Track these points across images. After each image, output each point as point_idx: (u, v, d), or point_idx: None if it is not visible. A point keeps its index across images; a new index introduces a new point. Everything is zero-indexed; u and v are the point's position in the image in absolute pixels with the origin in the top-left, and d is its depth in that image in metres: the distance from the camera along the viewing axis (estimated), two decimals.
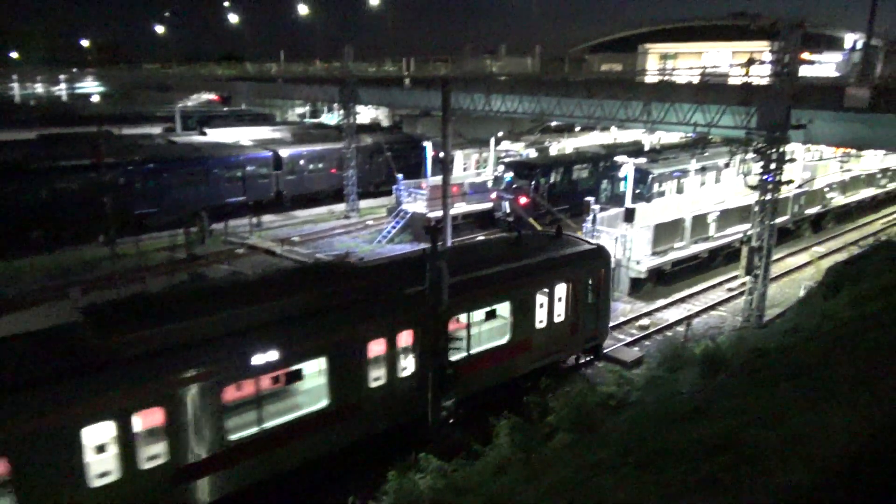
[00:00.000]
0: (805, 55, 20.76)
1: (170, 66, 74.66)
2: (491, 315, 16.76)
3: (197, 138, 46.32)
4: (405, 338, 14.36)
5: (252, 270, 29.51)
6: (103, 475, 10.64)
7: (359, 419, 13.70)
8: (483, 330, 16.33)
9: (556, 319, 17.85)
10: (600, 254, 19.65)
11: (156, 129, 57.22)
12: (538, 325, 17.30)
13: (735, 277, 28.08)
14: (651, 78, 36.34)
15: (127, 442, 10.64)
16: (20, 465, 9.73)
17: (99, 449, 10.82)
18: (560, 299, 17.91)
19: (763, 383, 9.42)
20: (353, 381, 13.52)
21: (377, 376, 13.95)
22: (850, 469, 6.34)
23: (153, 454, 11.09)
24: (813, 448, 6.94)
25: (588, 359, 20.06)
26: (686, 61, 53.51)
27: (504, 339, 16.62)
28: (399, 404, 14.32)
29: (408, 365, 14.43)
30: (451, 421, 14.32)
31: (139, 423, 10.83)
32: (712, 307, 26.55)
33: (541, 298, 17.39)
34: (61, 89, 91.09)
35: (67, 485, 10.16)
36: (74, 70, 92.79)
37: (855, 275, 20.10)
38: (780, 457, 6.85)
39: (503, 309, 16.77)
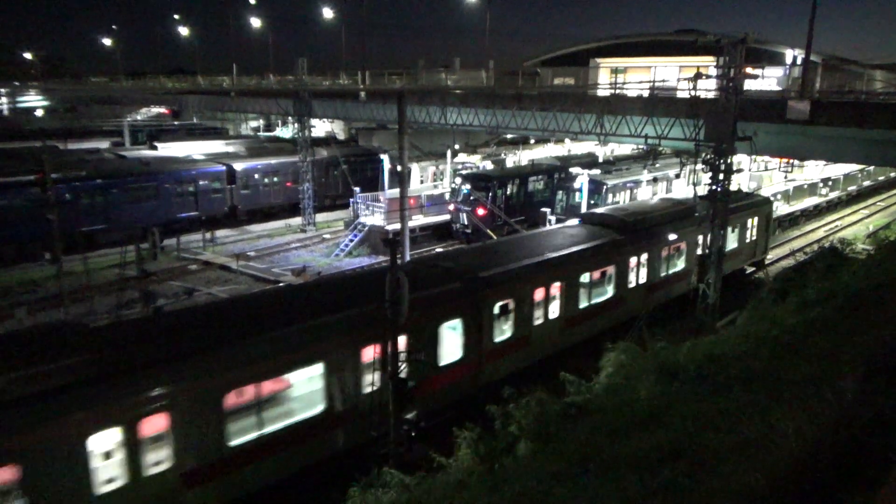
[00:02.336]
0: (748, 70, 21.54)
1: (117, 79, 72.91)
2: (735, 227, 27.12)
3: (147, 153, 45.34)
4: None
5: (207, 287, 28.95)
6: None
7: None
8: (735, 235, 27.19)
9: (751, 239, 29.00)
10: (768, 201, 31.98)
11: (103, 144, 55.80)
12: (746, 241, 28.63)
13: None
14: (603, 91, 37.17)
15: None
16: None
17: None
18: (753, 227, 29.05)
19: (717, 389, 9.67)
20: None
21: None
22: (801, 470, 6.54)
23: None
24: (765, 451, 7.14)
25: (752, 271, 31.22)
26: (636, 75, 54.87)
27: (734, 246, 27.35)
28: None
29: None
30: (412, 434, 14.25)
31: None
32: None
33: (748, 224, 28.58)
34: (2, 104, 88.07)
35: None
36: (16, 84, 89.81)
37: (801, 281, 20.85)
38: (735, 461, 7.03)
39: (744, 226, 28.26)
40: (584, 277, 20.29)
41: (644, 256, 22.85)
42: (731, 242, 26.55)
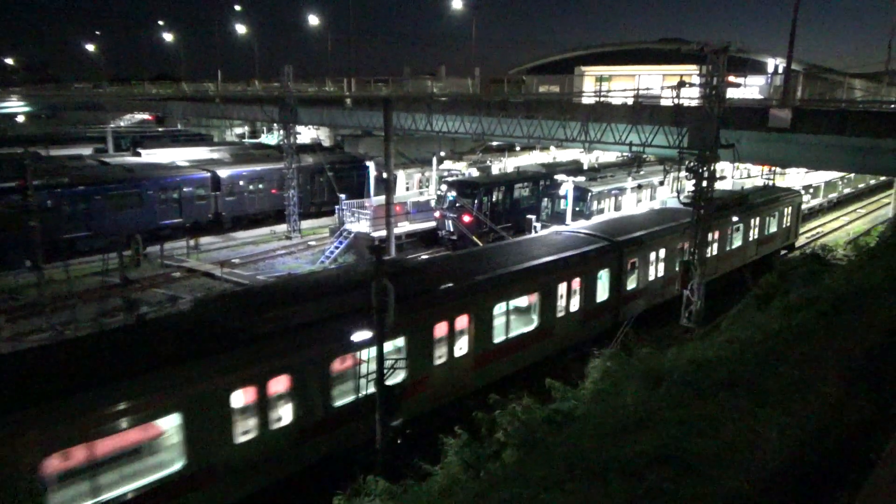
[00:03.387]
0: (731, 78, 21.80)
1: (101, 85, 72.28)
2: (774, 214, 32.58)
3: (130, 159, 44.93)
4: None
5: (190, 294, 28.70)
6: None
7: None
8: (774, 221, 32.36)
9: (784, 226, 33.52)
10: (798, 193, 36.94)
11: (86, 150, 55.24)
12: (782, 227, 33.29)
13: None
14: (588, 99, 37.41)
15: None
16: None
17: None
18: (784, 215, 33.34)
19: (702, 394, 9.71)
20: None
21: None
22: (785, 473, 6.58)
23: None
24: (751, 455, 7.18)
25: (785, 252, 34.41)
26: (620, 83, 55.33)
27: (774, 230, 32.51)
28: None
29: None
30: (398, 441, 14.19)
31: None
32: None
33: (778, 214, 32.74)
34: None
35: None
36: None
37: (784, 286, 21.04)
38: (720, 465, 7.06)
39: (781, 214, 33.10)
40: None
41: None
42: (772, 227, 32.65)
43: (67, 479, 10.16)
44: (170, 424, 11.16)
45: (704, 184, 20.86)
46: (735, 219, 28.20)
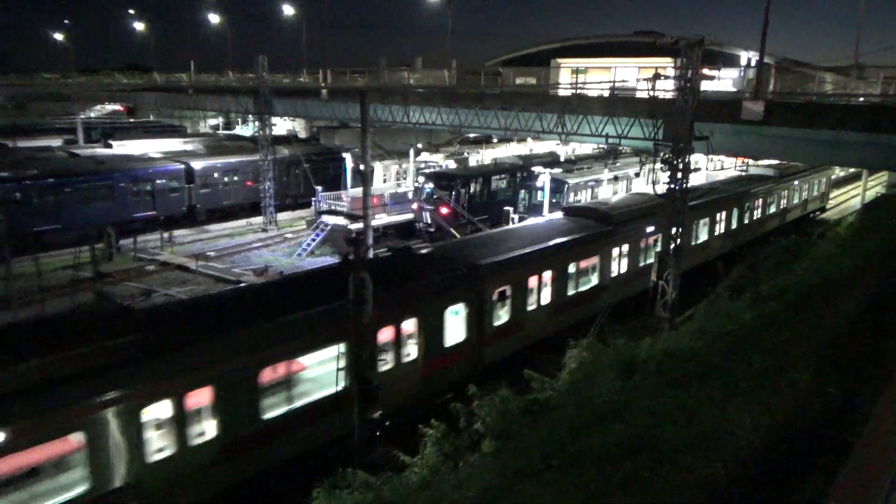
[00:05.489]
0: (705, 71, 22.00)
1: (69, 75, 70.64)
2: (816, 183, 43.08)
3: (101, 151, 44.13)
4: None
5: (165, 288, 28.36)
6: None
7: None
8: (816, 189, 42.40)
9: (819, 192, 44.00)
10: (831, 167, 44.91)
11: (55, 142, 54.10)
12: (816, 194, 43.35)
13: None
14: (564, 91, 37.53)
15: None
16: None
17: None
18: (821, 184, 43.92)
19: (675, 384, 9.87)
20: None
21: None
22: (757, 460, 6.72)
23: None
24: (723, 443, 7.32)
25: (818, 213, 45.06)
26: (596, 76, 55.56)
27: (816, 194, 42.91)
28: None
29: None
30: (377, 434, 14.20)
31: None
32: None
33: (818, 183, 43.60)
34: None
35: None
36: None
37: (755, 278, 21.42)
38: (694, 453, 7.18)
39: (819, 183, 43.30)
40: None
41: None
42: (815, 192, 42.97)
43: None
44: None
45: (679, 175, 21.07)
46: (796, 183, 39.67)
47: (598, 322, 20.40)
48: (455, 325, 17.20)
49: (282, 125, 60.94)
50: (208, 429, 12.34)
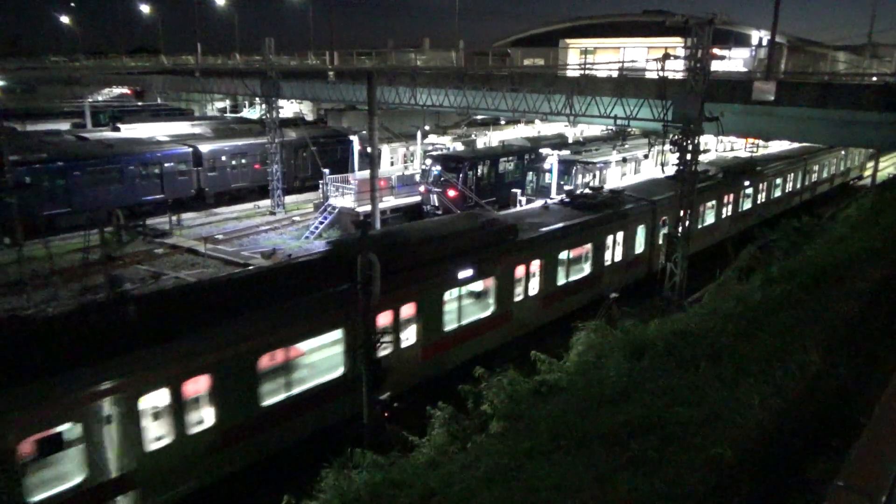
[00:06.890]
0: (716, 51, 21.73)
1: (77, 58, 70.57)
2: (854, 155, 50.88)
3: (110, 134, 44.15)
4: None
5: (174, 271, 28.49)
6: None
7: None
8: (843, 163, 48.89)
9: (858, 163, 52.19)
10: None
11: (64, 126, 54.21)
12: (856, 163, 51.60)
13: None
14: (573, 72, 37.18)
15: None
16: None
17: None
18: (843, 160, 48.22)
19: (685, 364, 9.84)
20: None
21: None
22: (767, 441, 6.70)
23: None
24: (733, 423, 7.30)
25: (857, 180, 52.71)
26: (605, 56, 55.00)
27: (856, 163, 51.68)
28: None
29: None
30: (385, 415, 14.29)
31: None
32: None
33: (856, 155, 51.06)
34: None
35: None
36: None
37: (765, 258, 21.27)
38: (703, 433, 7.17)
39: (845, 158, 48.94)
40: None
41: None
42: (856, 161, 51.25)
43: None
44: None
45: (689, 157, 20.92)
46: (842, 153, 47.04)
47: (607, 304, 20.38)
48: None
49: (289, 108, 60.84)
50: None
